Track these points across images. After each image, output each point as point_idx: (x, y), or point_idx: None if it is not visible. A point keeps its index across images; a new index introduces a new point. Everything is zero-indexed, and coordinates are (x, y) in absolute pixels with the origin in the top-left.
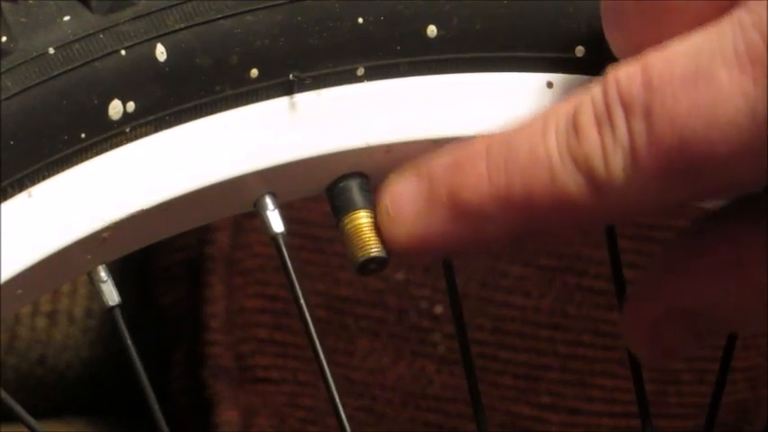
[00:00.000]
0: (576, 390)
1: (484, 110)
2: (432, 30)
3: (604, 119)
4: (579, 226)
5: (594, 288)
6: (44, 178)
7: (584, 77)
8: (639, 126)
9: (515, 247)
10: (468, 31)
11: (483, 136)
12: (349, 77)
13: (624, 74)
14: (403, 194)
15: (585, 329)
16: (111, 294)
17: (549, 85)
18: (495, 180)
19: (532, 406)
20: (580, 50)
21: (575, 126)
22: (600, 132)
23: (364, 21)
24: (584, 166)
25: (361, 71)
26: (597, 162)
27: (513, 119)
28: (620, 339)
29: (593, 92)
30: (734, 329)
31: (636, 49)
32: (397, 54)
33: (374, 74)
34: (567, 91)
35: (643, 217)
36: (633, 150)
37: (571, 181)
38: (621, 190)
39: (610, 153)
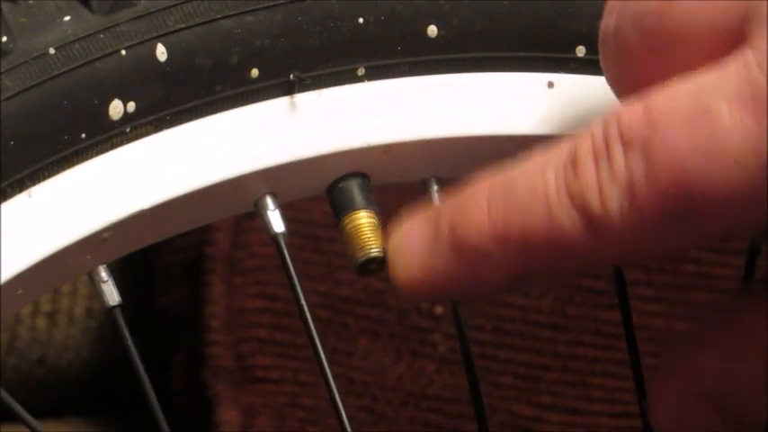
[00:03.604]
0: (576, 390)
1: (484, 110)
2: (432, 30)
3: (602, 154)
4: (577, 266)
5: (594, 288)
6: (44, 178)
7: (585, 77)
8: (638, 162)
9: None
10: (468, 32)
11: (487, 175)
12: (349, 77)
13: (626, 111)
14: (410, 235)
15: (585, 329)
16: (112, 294)
17: (550, 85)
18: (494, 217)
19: (532, 406)
20: (581, 50)
21: (573, 162)
22: (597, 168)
23: (365, 21)
24: (579, 203)
25: (361, 71)
26: (593, 198)
27: (513, 119)
28: (620, 339)
29: (594, 128)
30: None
31: (636, 84)
32: (397, 54)
33: (375, 74)
34: (568, 91)
35: (644, 261)
36: (630, 187)
37: (567, 218)
38: (617, 229)
39: (606, 189)
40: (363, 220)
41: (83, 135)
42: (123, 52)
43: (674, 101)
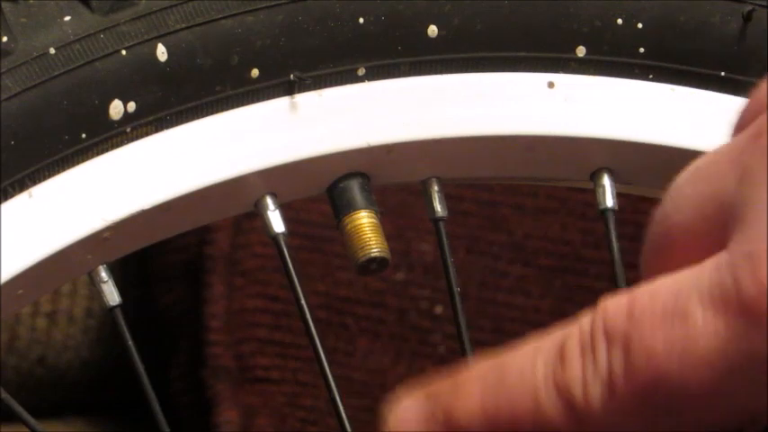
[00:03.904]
0: None
1: (484, 110)
2: (432, 30)
3: (588, 347)
4: None
5: (594, 288)
6: (45, 178)
7: (586, 77)
8: (618, 358)
9: None
10: (468, 32)
11: (486, 358)
12: (350, 77)
13: (612, 304)
14: (407, 413)
15: None
16: (112, 294)
17: (550, 85)
18: (485, 402)
19: None
20: (581, 50)
21: (561, 352)
22: (582, 360)
23: (365, 21)
24: (564, 394)
25: (361, 71)
26: (576, 390)
27: (513, 119)
28: None
29: (583, 320)
30: None
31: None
32: (397, 54)
33: (375, 74)
34: (568, 91)
35: None
36: (610, 382)
37: (552, 408)
38: (599, 420)
39: (589, 382)
40: (364, 220)
41: (83, 135)
42: (123, 52)
43: (655, 298)
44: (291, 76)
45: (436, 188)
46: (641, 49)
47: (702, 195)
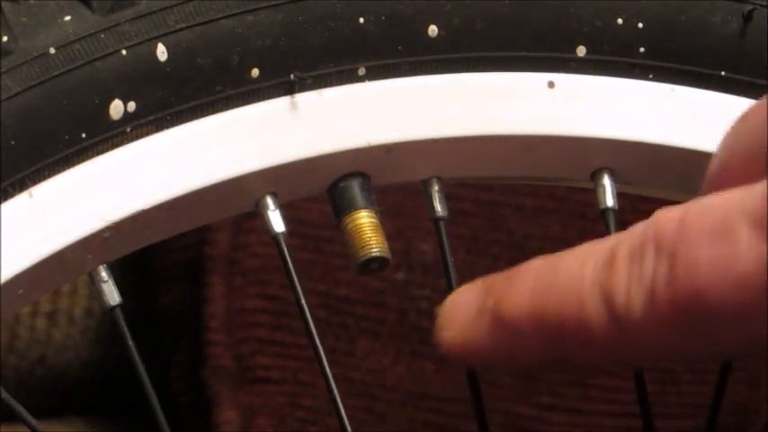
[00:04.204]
0: (576, 390)
1: (485, 110)
2: (433, 30)
3: (636, 255)
4: (600, 359)
5: None
6: (45, 178)
7: (586, 77)
8: (663, 268)
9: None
10: (468, 31)
11: (543, 256)
12: (350, 77)
13: (666, 215)
14: (460, 301)
15: None
16: (112, 294)
17: (551, 85)
18: (534, 299)
19: (532, 406)
20: (581, 50)
21: (610, 258)
22: (629, 266)
23: (365, 20)
24: (608, 299)
25: (362, 71)
26: (619, 297)
27: (513, 119)
28: None
29: (637, 227)
30: None
31: None
32: (398, 54)
33: (375, 74)
34: (569, 91)
35: (665, 365)
36: (653, 291)
37: (595, 311)
38: (638, 329)
39: (633, 290)
40: (364, 219)
41: (83, 135)
42: (124, 52)
43: (705, 215)
44: (292, 75)
45: (436, 188)
46: (641, 49)
47: (757, 128)
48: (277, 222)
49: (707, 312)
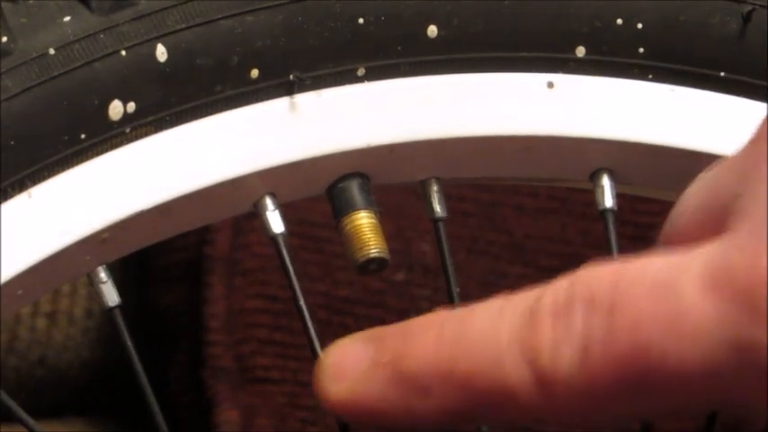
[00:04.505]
0: None
1: (484, 110)
2: (432, 30)
3: (563, 311)
4: (521, 418)
5: None
6: (44, 179)
7: (585, 77)
8: (598, 324)
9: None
10: (468, 32)
11: (442, 310)
12: (349, 78)
13: (596, 272)
14: (348, 354)
15: None
16: (111, 295)
17: (550, 85)
18: (440, 353)
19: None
20: (581, 50)
21: (531, 313)
22: (555, 323)
23: (365, 21)
24: (530, 356)
25: (361, 71)
26: (545, 354)
27: (513, 119)
28: None
29: (559, 283)
30: None
31: None
32: (397, 54)
33: (375, 74)
34: (568, 91)
35: (592, 426)
36: (585, 348)
37: (514, 369)
38: (566, 389)
39: (560, 348)
40: (363, 220)
41: (82, 135)
42: (123, 52)
43: (645, 270)
44: (291, 76)
45: (436, 188)
46: (641, 50)
47: (706, 194)
48: (276, 223)
49: (650, 370)
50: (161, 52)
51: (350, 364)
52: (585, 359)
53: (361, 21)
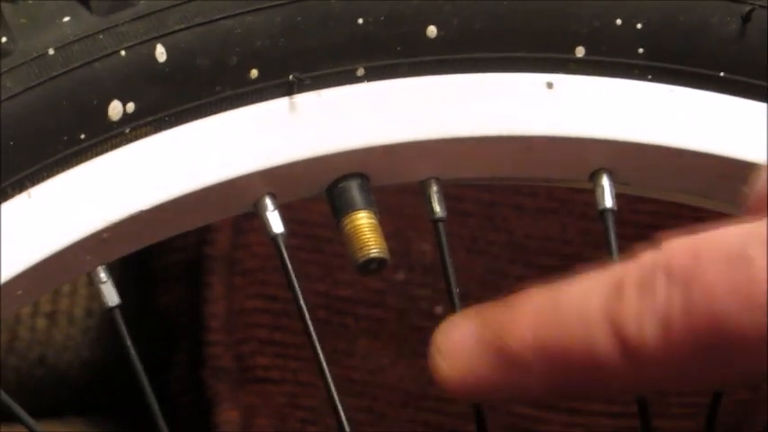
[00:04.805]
0: None
1: (484, 110)
2: (432, 30)
3: (647, 283)
4: (610, 388)
5: None
6: (44, 179)
7: (585, 78)
8: (677, 296)
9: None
10: (468, 32)
11: (541, 287)
12: (349, 78)
13: (677, 244)
14: (455, 330)
15: None
16: (111, 295)
17: (549, 85)
18: (538, 331)
19: (532, 406)
20: (580, 51)
21: (618, 287)
22: (639, 296)
23: (364, 21)
24: (617, 328)
25: (361, 72)
26: (630, 325)
27: (513, 119)
28: None
29: (644, 257)
30: None
31: None
32: (397, 54)
33: (374, 74)
34: (568, 91)
35: (675, 389)
36: (667, 318)
37: (603, 341)
38: (650, 357)
39: (645, 318)
40: (363, 220)
41: (82, 136)
42: (123, 53)
43: (721, 241)
44: (291, 76)
45: (435, 189)
46: (640, 50)
47: None
48: (276, 223)
49: (724, 339)
50: (160, 52)
51: (458, 342)
52: (667, 329)
53: (360, 21)
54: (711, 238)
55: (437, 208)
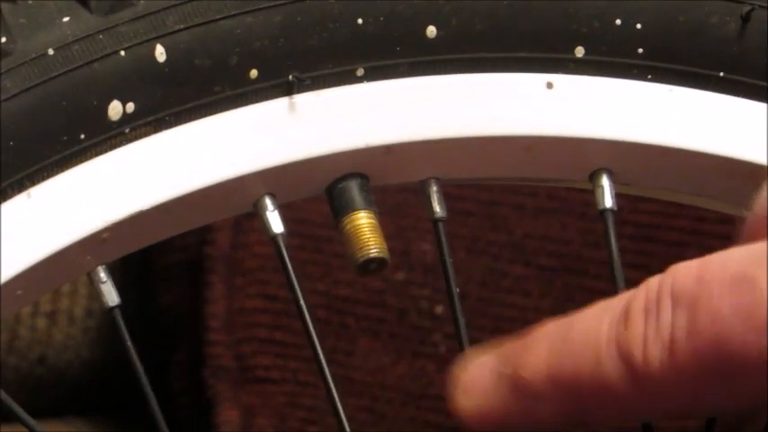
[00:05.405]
0: None
1: (483, 111)
2: (431, 30)
3: (653, 308)
4: (620, 414)
5: (595, 288)
6: (44, 179)
7: (584, 78)
8: (682, 319)
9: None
10: (467, 32)
11: (554, 319)
12: (348, 78)
13: (683, 268)
14: (476, 368)
15: None
16: (111, 295)
17: (549, 85)
18: (550, 361)
19: None
20: (580, 51)
21: (625, 313)
22: (645, 321)
23: (364, 21)
24: (624, 353)
25: (360, 72)
26: (636, 350)
27: (512, 119)
28: None
29: (651, 282)
30: None
31: None
32: (396, 55)
33: (374, 74)
34: (567, 91)
35: (684, 419)
36: (672, 342)
37: (612, 367)
38: (656, 381)
39: (650, 342)
40: (363, 220)
41: (82, 136)
42: (122, 53)
43: (724, 264)
44: (290, 76)
45: (435, 189)
46: (640, 50)
47: None
48: (276, 223)
49: (728, 362)
50: (160, 53)
51: (479, 378)
52: (672, 352)
53: (360, 21)
54: (715, 261)
55: (437, 208)
